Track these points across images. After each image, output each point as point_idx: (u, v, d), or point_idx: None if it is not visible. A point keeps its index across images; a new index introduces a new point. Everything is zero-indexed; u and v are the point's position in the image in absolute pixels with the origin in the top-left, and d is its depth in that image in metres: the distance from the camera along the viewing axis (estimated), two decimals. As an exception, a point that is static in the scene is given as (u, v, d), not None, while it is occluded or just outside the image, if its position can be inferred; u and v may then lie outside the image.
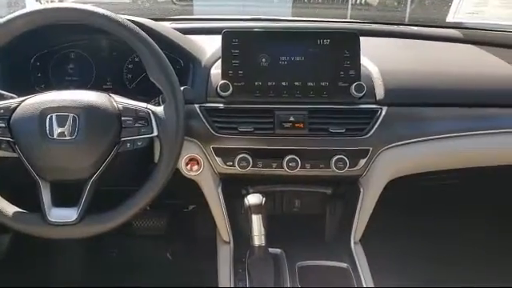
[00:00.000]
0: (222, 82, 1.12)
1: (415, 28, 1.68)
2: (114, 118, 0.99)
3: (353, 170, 1.14)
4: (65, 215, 0.97)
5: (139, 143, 1.01)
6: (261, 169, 1.13)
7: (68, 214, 0.97)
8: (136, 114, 1.00)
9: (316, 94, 1.15)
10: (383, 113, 1.14)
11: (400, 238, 1.75)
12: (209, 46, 1.25)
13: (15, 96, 1.03)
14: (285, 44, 1.16)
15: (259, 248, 1.09)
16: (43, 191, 0.97)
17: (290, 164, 1.11)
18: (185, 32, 1.32)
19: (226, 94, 1.12)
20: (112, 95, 1.04)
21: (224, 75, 1.13)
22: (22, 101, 0.99)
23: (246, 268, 1.15)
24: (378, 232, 1.29)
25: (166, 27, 1.28)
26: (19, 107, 0.97)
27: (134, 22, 1.04)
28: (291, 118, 1.12)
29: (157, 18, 1.41)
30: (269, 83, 1.14)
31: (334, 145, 1.12)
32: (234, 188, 1.22)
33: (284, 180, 1.23)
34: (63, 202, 0.98)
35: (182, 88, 1.03)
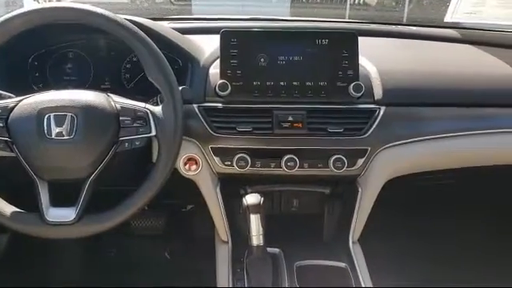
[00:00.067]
0: (221, 81, 1.12)
1: (413, 28, 1.69)
2: (112, 118, 0.99)
3: (351, 170, 1.14)
4: (63, 215, 0.96)
5: (137, 143, 1.01)
6: (259, 169, 1.13)
7: (66, 214, 0.96)
8: (134, 114, 1.00)
9: (314, 93, 1.15)
10: (381, 113, 1.14)
11: (398, 238, 1.75)
12: (207, 46, 1.25)
13: (13, 96, 1.03)
14: (283, 44, 1.16)
15: (257, 248, 1.09)
16: (41, 191, 0.97)
17: (289, 164, 1.11)
18: (183, 32, 1.32)
19: (224, 93, 1.12)
20: (110, 95, 1.04)
21: (222, 75, 1.13)
22: (20, 100, 0.98)
23: (244, 268, 1.15)
24: (376, 232, 1.29)
25: (165, 27, 1.28)
26: (17, 107, 0.97)
27: (133, 21, 1.04)
28: (290, 118, 1.12)
29: (155, 18, 1.41)
30: (267, 83, 1.14)
31: (333, 144, 1.12)
32: (232, 188, 1.22)
33: (282, 180, 1.23)
34: (61, 202, 0.98)
35: (181, 88, 1.03)
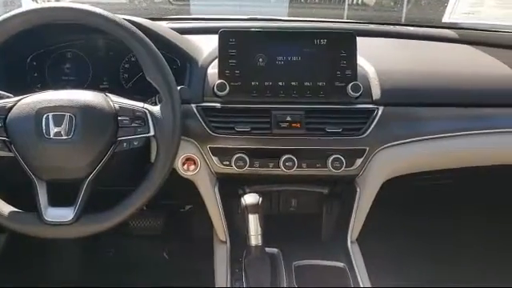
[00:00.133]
0: (219, 81, 1.12)
1: (411, 28, 1.69)
2: (111, 118, 0.99)
3: (349, 170, 1.14)
4: (61, 215, 0.96)
5: (136, 143, 1.01)
6: (257, 168, 1.13)
7: (64, 214, 0.96)
8: (133, 114, 1.00)
9: (313, 93, 1.15)
10: (379, 113, 1.15)
11: (396, 238, 1.75)
12: (206, 46, 1.25)
13: (11, 95, 1.03)
14: (282, 44, 1.16)
15: (256, 248, 1.09)
16: (39, 191, 0.97)
17: (287, 164, 1.11)
18: (182, 32, 1.32)
19: (222, 93, 1.12)
20: (108, 95, 1.04)
21: (221, 75, 1.13)
22: (18, 100, 0.98)
23: (242, 268, 1.15)
24: (374, 232, 1.29)
25: (163, 27, 1.28)
26: (15, 107, 0.97)
27: (131, 21, 1.04)
28: (288, 118, 1.12)
29: (154, 18, 1.41)
30: (266, 83, 1.15)
31: (331, 144, 1.13)
32: (230, 188, 1.22)
33: (281, 180, 1.23)
34: (59, 202, 0.98)
35: (179, 88, 1.03)
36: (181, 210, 1.87)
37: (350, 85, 1.13)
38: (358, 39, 1.16)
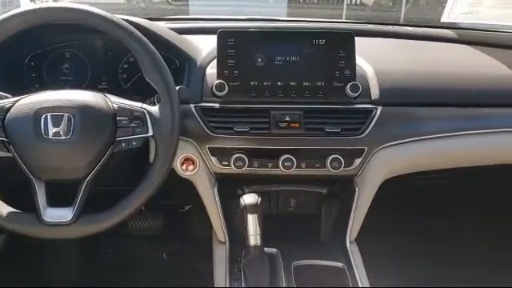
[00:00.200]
0: (218, 81, 1.12)
1: (410, 28, 1.69)
2: (109, 118, 0.99)
3: (348, 170, 1.14)
4: (60, 215, 0.96)
5: (134, 143, 1.01)
6: (256, 168, 1.13)
7: (63, 214, 0.96)
8: (131, 114, 1.00)
9: (311, 93, 1.15)
10: (378, 113, 1.15)
11: (395, 238, 1.75)
12: (204, 46, 1.25)
13: (9, 96, 1.02)
14: (280, 44, 1.16)
15: (255, 248, 1.09)
16: (38, 191, 0.97)
17: (286, 164, 1.11)
18: (180, 32, 1.32)
19: (221, 93, 1.12)
20: (107, 95, 1.03)
21: (219, 75, 1.13)
22: (17, 101, 0.98)
23: (241, 268, 1.15)
24: (373, 231, 1.29)
25: (162, 27, 1.28)
26: (13, 107, 0.97)
27: (130, 21, 1.04)
28: (287, 118, 1.12)
29: (152, 18, 1.41)
30: (264, 83, 1.15)
31: (330, 144, 1.13)
32: (229, 188, 1.22)
33: (280, 180, 1.23)
34: (58, 202, 0.98)
35: (178, 88, 1.03)
36: (180, 210, 1.87)
37: (349, 85, 1.13)
38: (357, 39, 1.16)
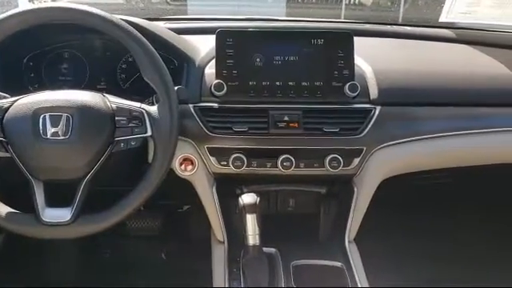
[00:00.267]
0: (216, 81, 1.12)
1: (408, 28, 1.69)
2: (108, 118, 0.99)
3: (347, 170, 1.14)
4: (58, 215, 0.96)
5: (133, 143, 1.01)
6: (255, 168, 1.13)
7: (62, 214, 0.96)
8: (130, 114, 1.00)
9: (310, 93, 1.15)
10: (377, 112, 1.15)
11: (394, 237, 1.76)
12: (203, 46, 1.25)
13: (8, 96, 1.02)
14: (279, 44, 1.16)
15: (254, 247, 1.09)
16: (36, 191, 0.96)
17: (285, 163, 1.11)
18: (179, 32, 1.32)
19: (220, 93, 1.12)
20: (106, 95, 1.03)
21: (218, 75, 1.13)
22: (15, 101, 0.98)
23: (240, 268, 1.15)
24: (372, 231, 1.29)
25: (160, 27, 1.28)
26: (12, 107, 0.97)
27: (128, 21, 1.04)
28: (285, 118, 1.12)
29: (151, 18, 1.41)
30: (263, 83, 1.15)
31: (328, 144, 1.13)
32: (228, 188, 1.22)
33: (278, 179, 1.23)
34: (57, 202, 0.98)
35: (176, 88, 1.03)
36: (178, 210, 1.87)
37: (348, 85, 1.13)
38: (356, 39, 1.16)
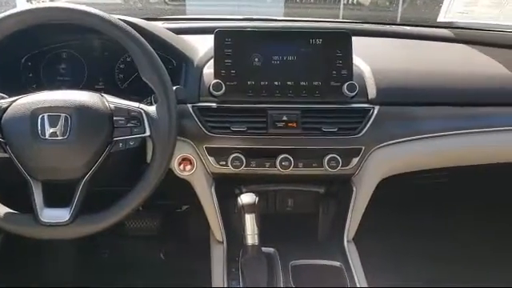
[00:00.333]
0: (215, 81, 1.12)
1: (407, 28, 1.69)
2: (106, 118, 0.99)
3: (345, 169, 1.14)
4: (57, 215, 0.96)
5: (131, 143, 1.00)
6: (254, 168, 1.13)
7: (60, 215, 0.96)
8: (128, 114, 1.00)
9: (309, 93, 1.15)
10: (375, 112, 1.15)
11: (393, 237, 1.76)
12: (201, 46, 1.25)
13: (6, 96, 1.02)
14: (277, 44, 1.16)
15: (252, 247, 1.09)
16: (35, 191, 0.96)
17: (283, 163, 1.11)
18: (177, 32, 1.32)
19: (218, 93, 1.12)
20: (104, 95, 1.03)
21: (217, 75, 1.13)
22: (13, 101, 0.98)
23: (239, 267, 1.15)
24: (370, 231, 1.29)
25: (159, 27, 1.28)
26: (10, 107, 0.97)
27: (127, 21, 1.04)
28: (284, 118, 1.12)
29: (149, 18, 1.41)
30: (261, 83, 1.15)
31: (327, 144, 1.13)
32: (227, 188, 1.22)
33: (277, 179, 1.23)
34: (55, 203, 0.98)
35: (175, 88, 1.03)
36: (177, 210, 1.87)
37: (346, 84, 1.13)
38: (354, 39, 1.16)
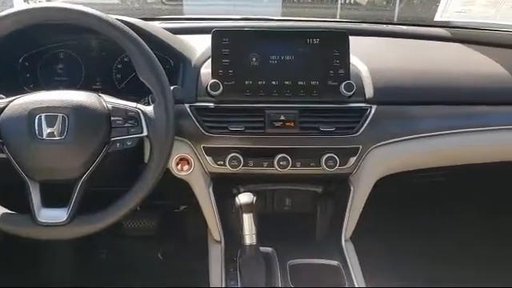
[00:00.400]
0: (212, 81, 1.12)
1: (404, 27, 1.69)
2: (104, 118, 0.98)
3: (343, 169, 1.14)
4: (55, 216, 0.96)
5: (129, 143, 1.00)
6: (252, 168, 1.13)
7: (58, 215, 0.96)
8: (126, 114, 1.00)
9: (306, 92, 1.15)
10: (372, 111, 1.15)
11: (390, 236, 1.76)
12: (199, 46, 1.25)
13: (3, 96, 1.02)
14: (275, 43, 1.16)
15: (250, 247, 1.09)
16: (32, 192, 0.96)
17: (281, 163, 1.12)
18: (175, 32, 1.32)
19: (216, 93, 1.12)
20: (101, 95, 1.03)
21: (214, 74, 1.13)
22: (11, 101, 0.98)
23: (237, 267, 1.15)
24: (368, 230, 1.29)
25: (156, 27, 1.28)
26: (7, 107, 0.97)
27: (124, 21, 1.04)
28: (282, 117, 1.12)
29: (146, 18, 1.41)
30: (259, 82, 1.15)
31: (325, 143, 1.13)
32: (224, 187, 1.22)
33: (275, 179, 1.23)
34: (53, 203, 0.98)
35: (172, 87, 1.03)
36: (175, 210, 1.87)
37: (343, 84, 1.13)
38: (351, 38, 1.16)
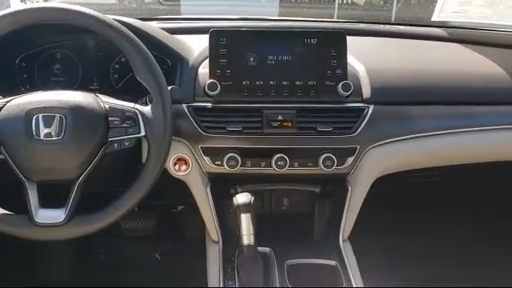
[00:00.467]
0: (210, 81, 1.12)
1: (401, 27, 1.70)
2: (101, 118, 0.98)
3: (340, 169, 1.15)
4: (52, 216, 0.96)
5: (126, 143, 1.00)
6: (249, 168, 1.13)
7: (55, 215, 0.96)
8: (123, 114, 0.99)
9: (304, 92, 1.15)
10: (370, 111, 1.15)
11: (388, 236, 1.76)
12: (196, 46, 1.25)
13: (0, 97, 1.01)
14: (272, 43, 1.16)
15: (248, 247, 1.09)
16: (30, 192, 0.96)
17: (279, 163, 1.12)
18: (172, 32, 1.32)
19: (213, 93, 1.12)
20: (99, 95, 1.03)
21: (212, 74, 1.13)
22: (7, 101, 0.97)
23: (235, 267, 1.15)
24: (366, 230, 1.29)
25: (153, 27, 1.28)
26: (4, 108, 0.96)
27: (121, 22, 1.04)
28: (279, 117, 1.12)
29: (144, 18, 1.41)
30: (257, 82, 1.15)
31: (322, 143, 1.13)
32: (222, 187, 1.22)
33: (273, 179, 1.23)
34: (50, 203, 0.97)
35: (170, 88, 1.03)
36: (173, 210, 1.87)
37: (341, 84, 1.13)
38: (349, 38, 1.16)
